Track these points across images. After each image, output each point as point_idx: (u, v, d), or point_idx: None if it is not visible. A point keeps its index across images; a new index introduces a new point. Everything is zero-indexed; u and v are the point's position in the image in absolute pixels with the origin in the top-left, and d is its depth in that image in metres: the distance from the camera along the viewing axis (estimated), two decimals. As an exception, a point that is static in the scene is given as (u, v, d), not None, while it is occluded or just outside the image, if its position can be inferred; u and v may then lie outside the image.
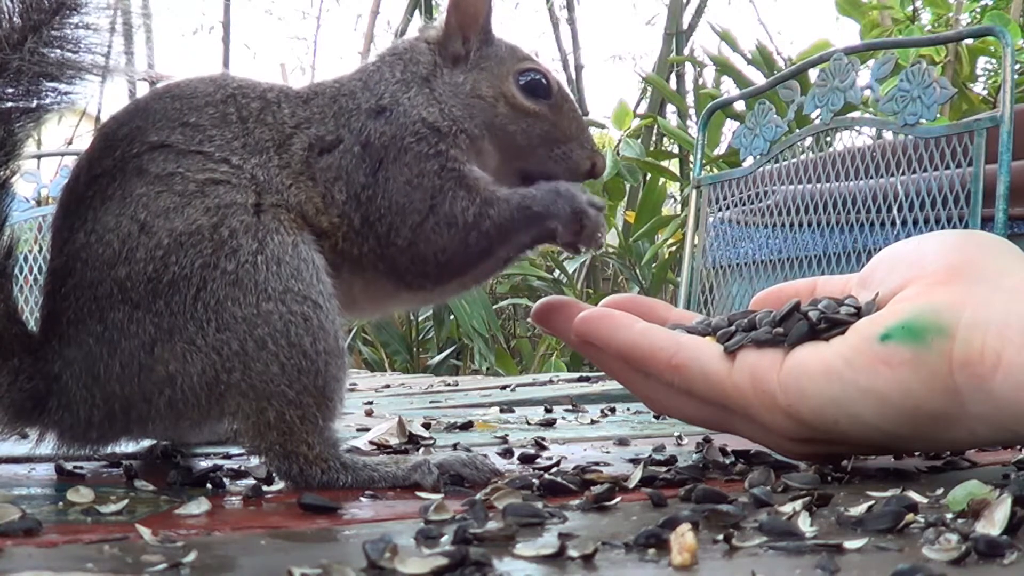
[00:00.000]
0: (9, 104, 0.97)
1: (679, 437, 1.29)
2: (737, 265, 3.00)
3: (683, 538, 0.61)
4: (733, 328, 0.97)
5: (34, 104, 0.98)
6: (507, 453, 1.14)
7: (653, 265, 5.32)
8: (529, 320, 1.10)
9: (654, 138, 6.15)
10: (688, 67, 6.78)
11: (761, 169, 2.95)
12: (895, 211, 2.54)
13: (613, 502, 0.81)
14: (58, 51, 0.98)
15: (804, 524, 0.70)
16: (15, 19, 0.95)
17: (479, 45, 1.09)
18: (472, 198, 1.02)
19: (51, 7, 0.97)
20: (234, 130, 0.99)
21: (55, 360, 0.95)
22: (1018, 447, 1.07)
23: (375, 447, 1.18)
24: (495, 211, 1.02)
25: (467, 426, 1.46)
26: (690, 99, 6.35)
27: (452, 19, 1.08)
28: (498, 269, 1.11)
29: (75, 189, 0.98)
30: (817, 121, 2.76)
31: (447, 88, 1.06)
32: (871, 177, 2.65)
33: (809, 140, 2.85)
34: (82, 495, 0.82)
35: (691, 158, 3.75)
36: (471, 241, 1.02)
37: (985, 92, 4.47)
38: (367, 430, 1.28)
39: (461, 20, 1.08)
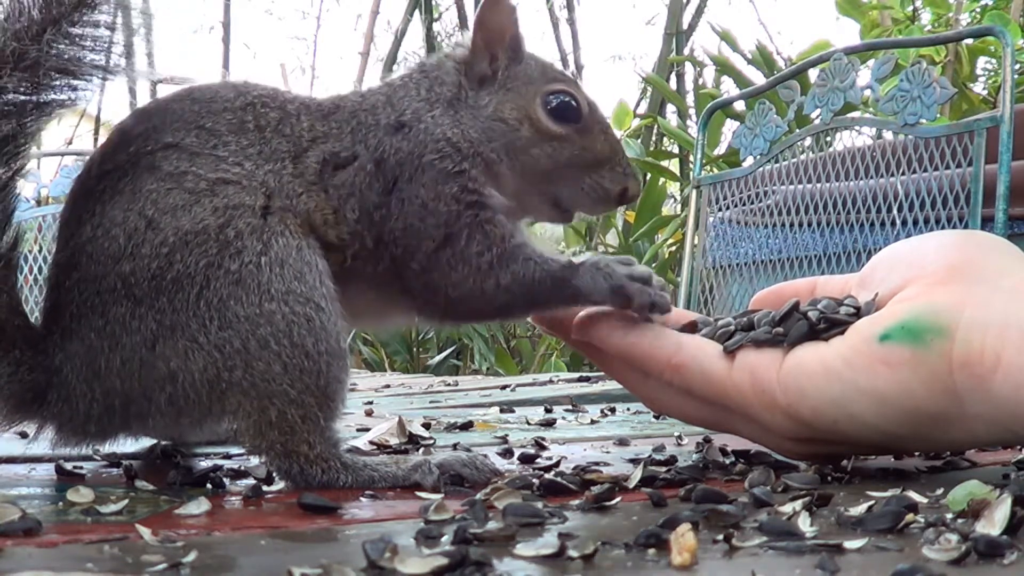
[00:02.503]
0: (22, 97, 0.97)
1: (679, 437, 1.29)
2: (737, 265, 3.00)
3: (683, 538, 0.61)
4: (732, 328, 0.97)
5: (46, 99, 0.98)
6: (507, 453, 1.15)
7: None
8: (529, 320, 1.10)
9: (654, 138, 6.15)
10: (688, 67, 6.78)
11: (761, 169, 2.95)
12: (895, 211, 2.54)
13: (613, 502, 0.81)
14: (74, 47, 0.97)
15: (804, 524, 0.70)
16: (34, 12, 0.95)
17: (507, 64, 1.05)
18: (488, 244, 0.99)
19: (71, 2, 0.97)
20: (250, 138, 0.98)
21: (56, 353, 0.95)
22: (1018, 447, 1.07)
23: (375, 447, 1.18)
24: (519, 268, 0.99)
25: (467, 426, 1.46)
26: (690, 99, 6.34)
27: (478, 38, 1.05)
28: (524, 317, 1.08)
29: (85, 182, 0.98)
30: (817, 121, 2.75)
31: (468, 112, 1.03)
32: (871, 177, 2.65)
33: (809, 140, 2.85)
34: (82, 495, 0.82)
35: (691, 158, 3.75)
36: (488, 289, 0.99)
37: (985, 92, 4.46)
38: (367, 430, 1.28)
39: (487, 38, 1.05)
